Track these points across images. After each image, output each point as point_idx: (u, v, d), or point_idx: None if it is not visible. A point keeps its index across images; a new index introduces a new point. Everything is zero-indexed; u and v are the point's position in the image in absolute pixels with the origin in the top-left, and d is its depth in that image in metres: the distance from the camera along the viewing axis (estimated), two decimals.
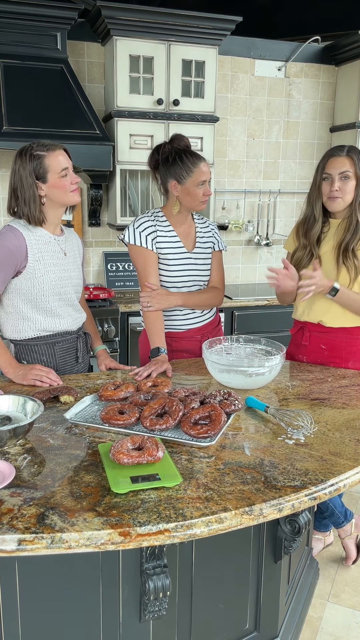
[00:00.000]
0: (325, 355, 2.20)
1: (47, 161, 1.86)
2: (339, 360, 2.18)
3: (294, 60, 4.05)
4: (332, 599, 2.28)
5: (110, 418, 1.51)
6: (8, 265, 1.85)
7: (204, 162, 2.17)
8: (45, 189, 1.89)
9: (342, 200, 2.08)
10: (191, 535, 1.12)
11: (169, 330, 2.32)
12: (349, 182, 2.07)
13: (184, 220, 2.29)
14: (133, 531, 1.09)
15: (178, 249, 2.26)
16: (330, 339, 2.17)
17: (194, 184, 2.16)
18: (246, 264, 4.31)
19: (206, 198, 2.21)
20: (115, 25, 3.24)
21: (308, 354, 2.24)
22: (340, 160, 2.06)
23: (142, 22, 3.25)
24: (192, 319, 2.34)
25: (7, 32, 3.18)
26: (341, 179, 2.06)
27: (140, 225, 2.23)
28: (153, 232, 2.23)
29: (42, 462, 1.35)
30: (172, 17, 3.28)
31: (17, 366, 1.90)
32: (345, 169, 2.06)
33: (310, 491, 1.25)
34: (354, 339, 2.14)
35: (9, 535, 1.06)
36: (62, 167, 1.88)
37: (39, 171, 1.86)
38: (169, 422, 1.48)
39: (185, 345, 2.32)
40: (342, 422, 1.63)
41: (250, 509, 1.18)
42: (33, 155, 1.86)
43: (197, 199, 2.19)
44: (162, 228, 2.25)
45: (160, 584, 1.38)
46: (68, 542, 1.07)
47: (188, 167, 2.15)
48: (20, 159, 1.87)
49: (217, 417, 1.49)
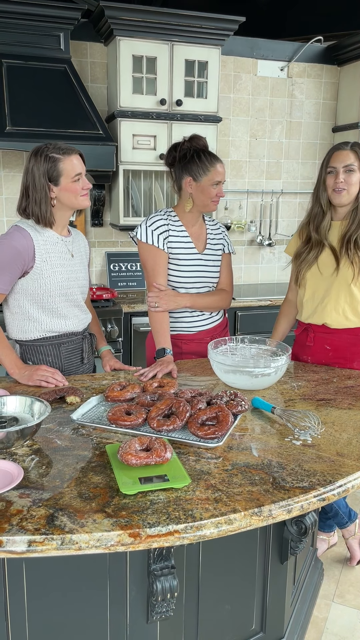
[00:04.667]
0: (330, 356, 2.20)
1: (62, 165, 1.86)
2: (343, 361, 2.18)
3: (297, 60, 4.05)
4: (337, 600, 2.28)
5: (118, 419, 1.51)
6: (15, 266, 1.85)
7: (220, 163, 2.19)
8: (57, 192, 1.89)
9: (347, 192, 2.09)
10: (201, 537, 1.12)
11: (179, 332, 2.32)
12: (353, 174, 2.08)
13: (195, 220, 2.30)
14: (143, 532, 1.09)
15: (189, 249, 2.26)
16: (335, 339, 2.17)
17: (209, 182, 2.17)
18: (249, 264, 4.31)
19: (218, 199, 2.22)
20: (118, 26, 3.24)
21: (312, 354, 2.24)
22: (345, 153, 2.09)
23: (145, 23, 3.25)
24: (201, 321, 2.34)
25: (10, 32, 3.17)
26: (346, 172, 2.08)
27: (153, 223, 2.23)
28: (165, 231, 2.23)
29: (49, 463, 1.35)
30: (175, 17, 3.28)
31: (22, 367, 1.89)
32: (350, 162, 2.08)
33: (319, 492, 1.25)
34: (359, 339, 2.14)
35: (19, 536, 1.06)
36: (76, 172, 1.88)
37: (53, 174, 1.86)
38: (176, 422, 1.48)
39: (194, 348, 2.32)
40: (348, 423, 1.63)
41: (259, 510, 1.18)
42: (48, 157, 1.86)
43: (209, 198, 2.20)
44: (175, 227, 2.25)
45: (167, 585, 1.38)
46: (78, 544, 1.07)
47: (205, 166, 2.17)
48: (35, 159, 1.87)
49: (224, 418, 1.49)
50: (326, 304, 2.14)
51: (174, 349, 2.29)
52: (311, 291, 2.20)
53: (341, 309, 2.12)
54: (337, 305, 2.13)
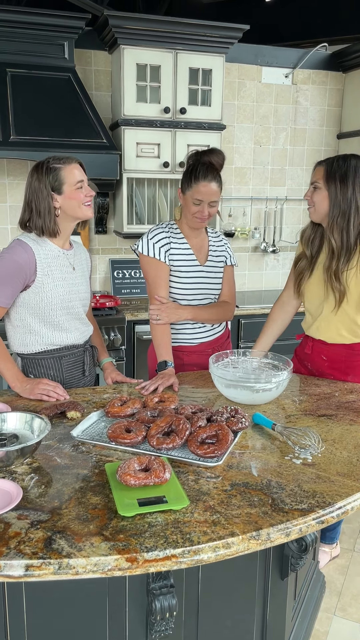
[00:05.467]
0: (326, 366, 2.19)
1: (63, 173, 1.88)
2: (338, 373, 2.17)
3: (301, 67, 4.04)
4: (339, 613, 2.27)
5: (117, 436, 1.51)
6: (17, 280, 1.86)
7: (205, 183, 2.10)
8: (60, 201, 1.90)
9: (314, 209, 2.02)
10: (198, 561, 1.11)
11: (180, 344, 2.32)
12: (318, 192, 1.99)
13: (197, 233, 2.29)
14: (140, 557, 1.09)
15: (191, 261, 2.26)
16: (331, 352, 2.17)
17: (190, 198, 2.15)
18: (252, 270, 4.30)
19: (200, 219, 2.17)
20: (122, 34, 3.25)
21: (310, 361, 2.24)
22: (317, 169, 2.02)
23: (149, 31, 3.25)
24: (202, 333, 2.33)
25: (15, 41, 3.18)
26: (313, 189, 2.02)
27: (155, 236, 2.23)
28: (167, 243, 2.23)
29: (49, 482, 1.35)
30: (179, 25, 3.28)
31: (24, 380, 1.90)
32: (315, 179, 2.01)
33: (318, 514, 1.25)
34: (355, 354, 2.13)
35: (16, 560, 1.06)
36: (78, 180, 1.90)
37: (55, 183, 1.88)
38: (175, 441, 1.48)
39: (196, 360, 2.32)
40: (349, 440, 1.62)
41: (257, 533, 1.17)
42: (49, 168, 1.88)
43: (190, 213, 2.18)
44: (176, 240, 2.25)
45: (167, 604, 1.38)
46: (75, 568, 1.07)
47: (190, 181, 2.15)
48: (37, 172, 1.89)
49: (224, 437, 1.48)
50: (321, 321, 2.14)
51: (176, 361, 2.28)
52: (308, 305, 2.19)
53: (335, 328, 2.11)
54: (330, 324, 2.11)
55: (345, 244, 1.97)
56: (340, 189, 1.93)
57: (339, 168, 1.93)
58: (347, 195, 1.93)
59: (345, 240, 1.96)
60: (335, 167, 1.94)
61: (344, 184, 1.92)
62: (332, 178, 1.94)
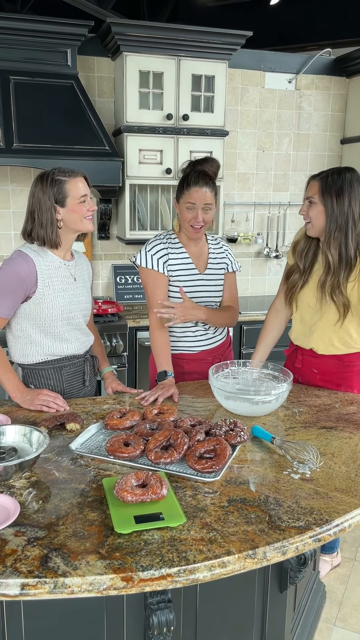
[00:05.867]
0: (317, 379, 2.19)
1: (68, 186, 1.89)
2: (331, 385, 2.17)
3: (305, 72, 4.03)
4: (339, 623, 2.27)
5: (116, 450, 1.52)
6: (18, 291, 1.87)
7: (196, 189, 2.12)
8: (63, 213, 1.91)
9: (310, 225, 2.02)
10: (194, 580, 1.12)
11: (181, 352, 2.33)
12: (313, 207, 1.98)
13: (196, 241, 2.29)
14: (136, 576, 1.09)
15: (189, 270, 2.26)
16: (322, 364, 2.16)
17: (184, 204, 2.16)
18: (255, 275, 4.30)
19: (196, 226, 2.16)
20: (125, 42, 3.25)
21: (302, 375, 2.24)
22: (311, 184, 2.01)
23: (152, 38, 3.26)
24: (203, 341, 2.34)
25: (18, 49, 3.19)
26: (309, 204, 2.00)
27: (152, 248, 2.24)
28: (165, 254, 2.23)
29: (46, 497, 1.36)
30: (181, 32, 3.28)
31: (24, 391, 1.91)
32: (310, 194, 2.00)
33: (315, 532, 1.25)
34: (345, 365, 2.13)
35: (12, 579, 1.07)
36: (82, 194, 1.91)
37: (59, 196, 1.89)
38: (173, 455, 1.48)
39: (196, 368, 2.32)
40: (348, 454, 1.62)
41: (253, 552, 1.17)
42: (54, 180, 1.89)
43: (185, 221, 2.19)
44: (174, 250, 2.26)
45: (164, 619, 1.38)
46: (70, 587, 1.07)
47: (183, 188, 2.17)
48: (41, 183, 1.90)
49: (222, 452, 1.48)
50: (314, 331, 2.13)
51: (176, 369, 2.29)
52: (300, 315, 2.18)
53: (327, 338, 2.11)
54: (324, 334, 2.11)
55: (345, 257, 1.97)
56: (336, 203, 1.92)
57: (334, 183, 1.92)
58: (344, 209, 1.92)
59: (345, 253, 1.96)
60: (330, 182, 1.93)
61: (340, 199, 1.92)
62: (328, 193, 1.93)
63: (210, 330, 2.34)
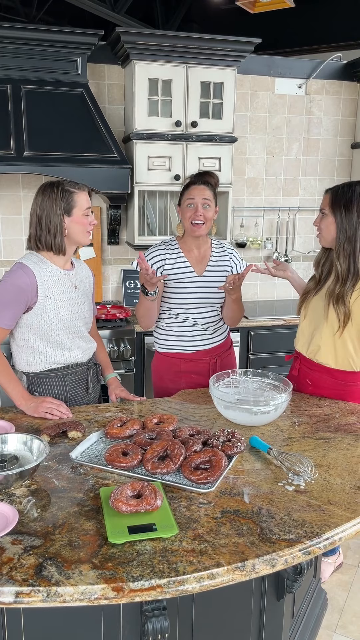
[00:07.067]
0: (309, 390, 2.23)
1: (76, 197, 1.98)
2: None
3: (315, 77, 4.03)
4: (339, 630, 2.28)
5: (114, 460, 1.55)
6: (19, 302, 1.92)
7: (195, 186, 2.25)
8: (68, 223, 1.97)
9: (322, 236, 2.08)
10: (183, 592, 1.15)
11: (178, 351, 2.39)
12: (325, 219, 2.05)
13: (199, 244, 2.36)
14: (126, 586, 1.13)
15: (187, 273, 2.34)
16: (316, 377, 2.19)
17: (185, 203, 2.26)
18: (264, 280, 4.31)
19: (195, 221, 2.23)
20: (134, 50, 3.29)
21: (297, 383, 2.27)
22: (324, 196, 2.08)
23: (161, 47, 3.29)
24: (200, 341, 2.39)
25: (29, 58, 3.25)
26: (321, 215, 2.07)
27: (149, 254, 2.35)
28: (161, 260, 2.33)
29: (45, 506, 1.40)
30: (190, 40, 3.31)
31: (29, 398, 1.95)
32: (322, 206, 2.07)
33: (305, 545, 1.27)
34: (338, 383, 2.15)
35: (7, 587, 1.11)
36: (87, 207, 2.00)
37: (67, 205, 1.96)
38: (169, 466, 1.51)
39: (192, 367, 2.38)
40: (344, 466, 1.63)
41: (242, 564, 1.20)
42: (64, 190, 1.96)
43: (187, 220, 2.26)
44: (172, 255, 2.34)
45: (159, 626, 1.41)
46: (63, 596, 1.11)
47: (183, 190, 2.30)
48: (51, 192, 1.97)
49: (217, 463, 1.51)
50: (314, 336, 2.16)
51: (173, 368, 2.38)
52: (307, 321, 2.22)
53: (325, 344, 2.13)
54: (322, 340, 2.13)
55: (352, 268, 2.01)
56: (345, 215, 1.98)
57: (344, 195, 1.98)
58: (352, 221, 1.97)
59: (352, 264, 2.01)
60: (340, 194, 1.99)
61: (348, 210, 1.97)
62: (337, 205, 1.99)
63: (207, 331, 2.40)
